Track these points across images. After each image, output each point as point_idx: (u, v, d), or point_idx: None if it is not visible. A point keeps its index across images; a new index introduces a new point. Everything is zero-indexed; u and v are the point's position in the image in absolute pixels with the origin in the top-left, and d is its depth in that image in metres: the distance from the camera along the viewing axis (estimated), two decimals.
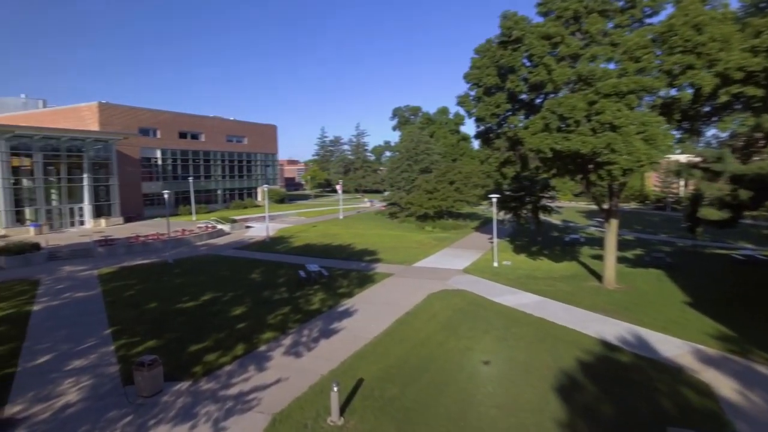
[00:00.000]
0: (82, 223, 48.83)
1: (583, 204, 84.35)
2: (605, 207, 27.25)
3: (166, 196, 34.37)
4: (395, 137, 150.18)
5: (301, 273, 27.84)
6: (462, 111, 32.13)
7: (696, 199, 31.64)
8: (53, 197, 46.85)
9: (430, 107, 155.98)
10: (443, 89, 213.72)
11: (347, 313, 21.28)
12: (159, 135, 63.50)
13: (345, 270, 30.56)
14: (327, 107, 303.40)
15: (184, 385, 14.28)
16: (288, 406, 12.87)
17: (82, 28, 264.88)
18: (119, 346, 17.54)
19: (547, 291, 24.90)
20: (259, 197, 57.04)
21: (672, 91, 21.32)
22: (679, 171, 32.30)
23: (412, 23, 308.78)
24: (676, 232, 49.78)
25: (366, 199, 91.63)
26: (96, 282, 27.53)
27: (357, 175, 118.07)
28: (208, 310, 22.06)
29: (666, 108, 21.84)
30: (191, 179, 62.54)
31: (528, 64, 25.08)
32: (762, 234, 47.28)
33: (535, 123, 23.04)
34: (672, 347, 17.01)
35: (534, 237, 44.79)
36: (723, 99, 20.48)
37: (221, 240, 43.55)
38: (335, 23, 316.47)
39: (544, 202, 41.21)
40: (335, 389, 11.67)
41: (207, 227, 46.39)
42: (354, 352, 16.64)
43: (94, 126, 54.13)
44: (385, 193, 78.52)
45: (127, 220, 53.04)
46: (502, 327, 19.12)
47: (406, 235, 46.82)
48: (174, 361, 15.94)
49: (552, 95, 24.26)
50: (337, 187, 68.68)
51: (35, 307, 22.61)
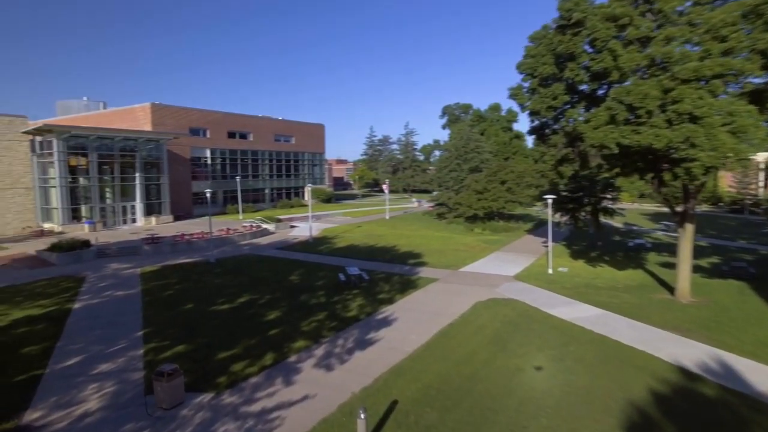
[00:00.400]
0: (134, 221, 50.46)
1: (647, 205, 78.76)
2: (679, 210, 24.33)
3: (208, 195, 34.45)
4: (445, 136, 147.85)
5: (341, 276, 26.80)
6: (515, 106, 30.08)
7: None
8: (107, 195, 48.64)
9: (481, 104, 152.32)
10: (495, 85, 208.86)
11: (386, 322, 19.91)
12: (209, 135, 64.91)
13: (387, 273, 29.24)
14: (377, 106, 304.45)
15: (206, 398, 13.41)
16: (312, 429, 11.66)
17: (139, 33, 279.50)
18: (148, 350, 17.06)
19: (610, 303, 22.42)
20: (306, 197, 57.30)
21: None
22: None
23: (463, 18, 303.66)
24: (757, 237, 44.87)
25: (414, 199, 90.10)
26: (138, 280, 27.72)
27: (405, 175, 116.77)
28: (242, 313, 21.40)
29: (757, 95, 18.91)
30: (238, 178, 63.43)
31: (590, 50, 22.70)
32: None
33: (598, 115, 20.70)
34: (767, 379, 14.41)
35: (593, 241, 41.64)
36: None
37: (265, 239, 43.45)
38: (384, 21, 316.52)
39: (605, 203, 38.13)
40: (362, 416, 10.31)
41: (251, 226, 46.55)
42: (390, 367, 15.23)
43: (147, 126, 55.92)
44: (433, 193, 76.81)
45: (177, 218, 54.40)
46: (558, 344, 17.08)
47: (453, 237, 44.93)
48: (200, 369, 15.21)
49: (616, 85, 21.86)
50: (384, 187, 67.59)
51: (76, 305, 22.82)
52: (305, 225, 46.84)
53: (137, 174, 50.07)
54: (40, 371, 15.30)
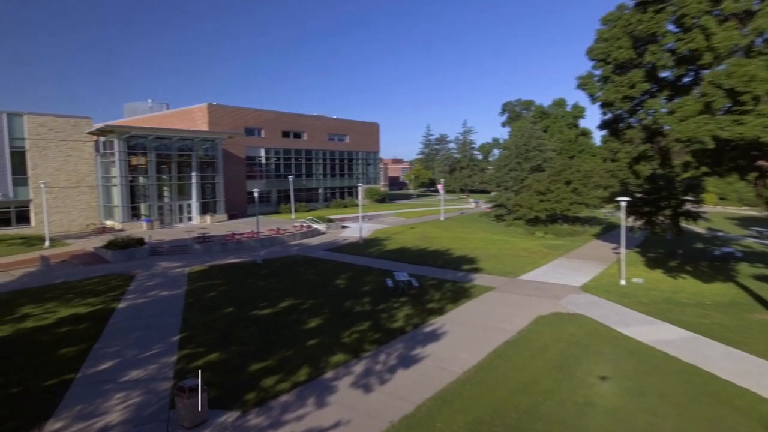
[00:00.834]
0: (190, 219, 51.63)
1: (732, 208, 71.55)
2: None
3: (256, 194, 34.11)
4: (504, 134, 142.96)
5: (389, 282, 25.30)
6: (582, 101, 27.32)
7: None
8: (165, 194, 50.04)
9: (544, 100, 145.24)
10: (560, 80, 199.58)
11: (434, 336, 18.17)
12: (263, 134, 65.67)
13: (438, 280, 27.43)
14: (434, 104, 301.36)
15: (231, 417, 12.32)
16: None
17: (198, 35, 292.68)
18: (181, 356, 16.36)
19: (698, 324, 19.38)
20: (361, 196, 56.86)
21: None
22: None
23: (523, 8, 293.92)
24: None
25: (471, 200, 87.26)
26: (184, 280, 27.64)
27: (462, 175, 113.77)
28: (282, 319, 20.43)
29: None
30: (291, 178, 63.65)
31: (676, 29, 19.85)
32: None
33: (686, 105, 17.89)
34: None
35: (672, 248, 37.54)
36: None
37: (314, 240, 42.85)
38: (439, 16, 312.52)
39: (687, 206, 34.10)
40: None
41: (302, 226, 46.17)
42: (436, 391, 13.51)
43: (204, 126, 57.22)
44: (491, 194, 73.82)
45: (231, 217, 55.20)
46: (636, 374, 14.61)
47: (512, 241, 42.25)
48: (230, 382, 14.22)
49: (705, 71, 18.87)
50: (439, 187, 65.53)
51: (120, 305, 22.82)
52: (357, 225, 45.88)
53: (193, 173, 51.19)
54: (71, 375, 14.93)
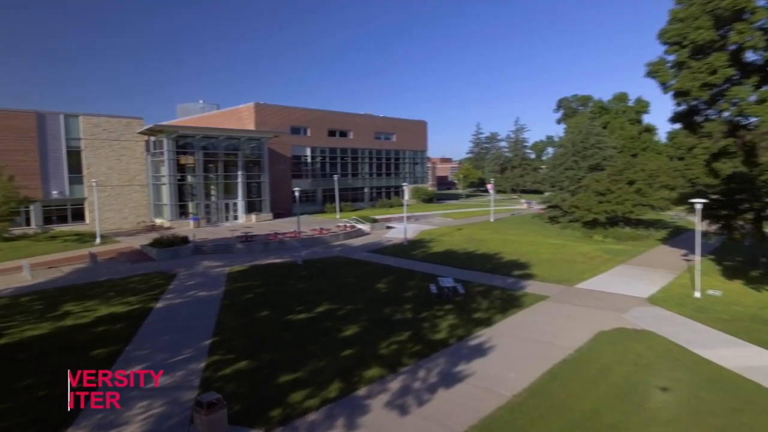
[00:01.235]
0: (235, 218, 52.20)
1: None
2: None
3: (297, 193, 33.52)
4: (559, 131, 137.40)
5: (432, 287, 23.84)
6: (648, 94, 24.64)
7: None
8: (212, 193, 50.79)
9: (603, 95, 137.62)
10: (621, 73, 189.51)
11: (480, 350, 16.57)
12: (309, 133, 65.67)
13: (486, 286, 25.67)
14: (484, 102, 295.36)
15: None
16: None
17: (245, 35, 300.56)
18: (210, 363, 15.67)
19: None
20: (407, 196, 56.00)
21: None
22: None
23: (577, 1, 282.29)
24: None
25: (522, 200, 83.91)
26: (223, 280, 27.35)
27: (514, 174, 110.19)
28: (318, 325, 19.46)
29: None
30: (336, 177, 63.25)
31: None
32: None
33: None
34: None
35: (754, 256, 33.73)
36: None
37: (358, 241, 41.95)
38: (489, 12, 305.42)
39: None
40: None
41: (345, 227, 45.45)
42: (481, 418, 11.99)
43: (250, 125, 57.80)
44: (545, 194, 70.50)
45: (276, 216, 55.39)
46: (723, 410, 12.43)
47: (568, 245, 39.57)
48: (255, 395, 13.32)
49: None
50: (489, 187, 63.15)
51: (158, 305, 22.68)
52: (402, 226, 44.62)
53: (239, 172, 51.70)
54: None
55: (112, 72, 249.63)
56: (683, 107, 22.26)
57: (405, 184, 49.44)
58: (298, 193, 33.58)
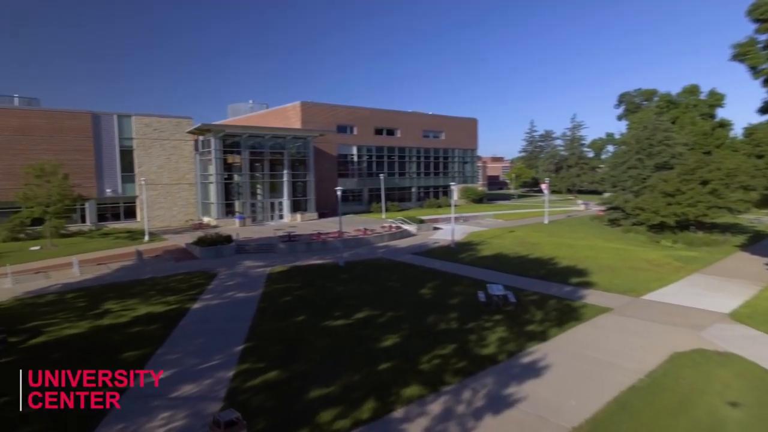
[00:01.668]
0: (281, 217, 52.26)
1: None
2: None
3: (339, 193, 32.61)
4: (620, 128, 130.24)
5: (480, 295, 22.14)
6: (723, 86, 21.77)
7: None
8: (258, 192, 51.06)
9: (670, 88, 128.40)
10: (691, 64, 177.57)
11: (534, 370, 14.81)
12: (355, 132, 65.05)
13: (540, 295, 23.66)
14: (538, 98, 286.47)
15: None
16: None
17: (296, 35, 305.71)
18: (239, 372, 14.83)
19: None
20: (455, 196, 54.22)
21: None
22: None
23: None
24: None
25: (579, 201, 79.66)
26: (263, 282, 26.81)
27: (570, 174, 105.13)
28: (356, 333, 18.31)
29: None
30: (382, 176, 62.24)
31: None
32: None
33: None
34: None
35: None
36: None
37: (403, 242, 40.63)
38: (544, 1, 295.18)
39: None
40: None
41: (391, 227, 44.27)
42: None
43: (297, 124, 57.79)
44: (604, 195, 66.48)
45: (321, 215, 55.04)
46: None
47: (631, 251, 36.51)
48: (282, 411, 12.30)
49: None
50: (543, 187, 60.12)
51: (195, 305, 22.32)
52: (449, 228, 42.92)
53: (285, 171, 51.70)
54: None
55: (166, 74, 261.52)
56: None
57: (453, 183, 47.61)
58: (340, 193, 32.60)
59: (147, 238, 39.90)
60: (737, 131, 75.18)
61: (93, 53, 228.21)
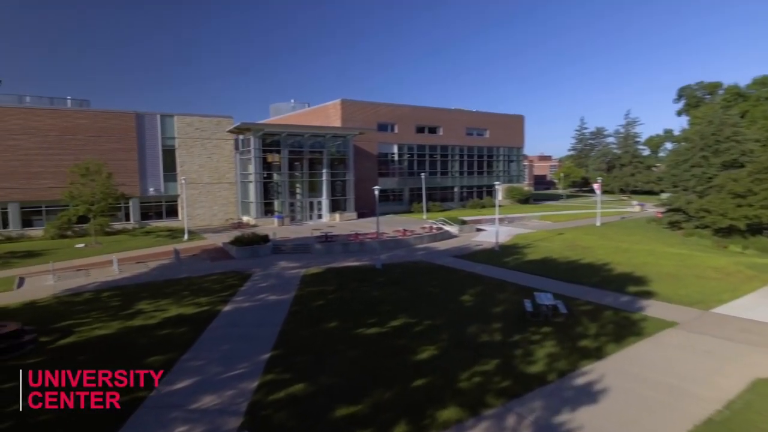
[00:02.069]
0: (320, 217, 51.80)
1: None
2: None
3: (376, 192, 31.48)
4: (680, 124, 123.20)
5: (527, 304, 20.44)
6: None
7: None
8: (297, 191, 50.80)
9: (737, 79, 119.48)
10: (759, 54, 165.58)
11: (589, 394, 13.12)
12: (396, 130, 63.86)
13: (594, 305, 21.68)
14: (589, 94, 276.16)
15: None
16: None
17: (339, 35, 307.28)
18: (263, 383, 13.93)
19: None
20: (500, 196, 52.22)
21: None
22: None
23: None
24: None
25: (634, 202, 75.34)
26: (296, 284, 26.06)
27: (623, 173, 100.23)
28: (390, 343, 17.10)
29: None
30: (423, 175, 60.79)
31: None
32: None
33: None
34: None
35: None
36: None
37: (444, 244, 39.11)
38: None
39: None
40: None
41: (431, 228, 42.83)
42: None
43: (337, 123, 57.21)
44: (662, 195, 62.47)
45: (361, 215, 54.21)
46: None
47: (696, 257, 33.54)
48: None
49: None
50: (595, 187, 57.00)
51: (226, 307, 21.80)
52: (493, 229, 41.09)
53: (324, 170, 51.20)
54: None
55: (209, 74, 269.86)
56: None
57: (498, 183, 45.52)
58: (378, 192, 31.47)
59: (186, 236, 40.23)
60: None
61: (141, 57, 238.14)
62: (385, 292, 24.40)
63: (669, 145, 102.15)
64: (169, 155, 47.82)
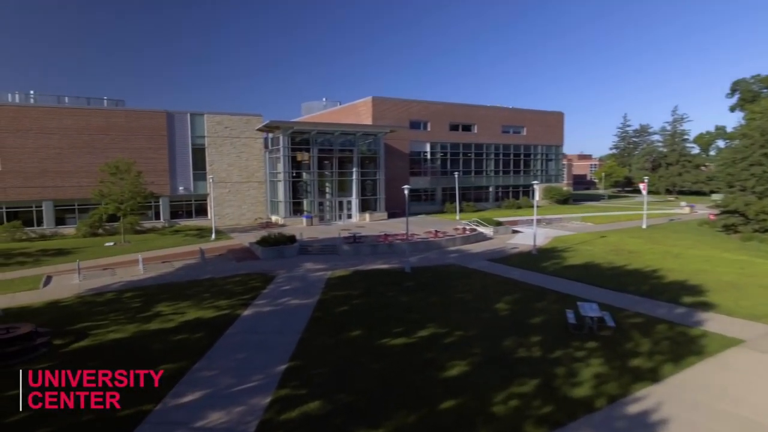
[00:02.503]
0: (349, 217, 50.81)
1: None
2: None
3: (406, 191, 30.08)
4: (733, 120, 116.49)
5: (569, 315, 18.66)
6: None
7: None
8: (326, 190, 49.97)
9: None
10: None
11: (646, 426, 11.39)
12: (429, 128, 62.28)
13: (645, 317, 19.66)
14: (631, 90, 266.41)
15: None
16: None
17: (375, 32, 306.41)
18: (276, 399, 12.82)
19: None
20: (537, 196, 49.88)
21: None
22: None
23: None
24: None
25: (683, 203, 71.17)
26: (321, 287, 25.00)
27: (669, 172, 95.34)
28: (416, 357, 15.71)
29: None
30: (456, 175, 58.97)
31: None
32: None
33: None
34: None
35: None
36: None
37: (477, 247, 37.37)
38: None
39: None
40: None
41: (464, 230, 41.14)
42: None
43: (368, 121, 56.12)
44: (713, 196, 58.69)
45: (391, 215, 52.92)
46: None
47: (757, 264, 30.66)
48: None
49: None
50: (641, 187, 53.85)
51: (246, 312, 20.91)
52: (530, 231, 39.05)
53: (354, 169, 50.18)
54: (150, 406, 12.48)
55: (241, 73, 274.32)
56: None
57: (536, 182, 43.30)
58: (407, 192, 30.08)
59: (213, 236, 39.94)
60: None
61: (175, 56, 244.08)
62: (414, 297, 23.02)
63: (721, 143, 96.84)
64: (199, 154, 47.85)
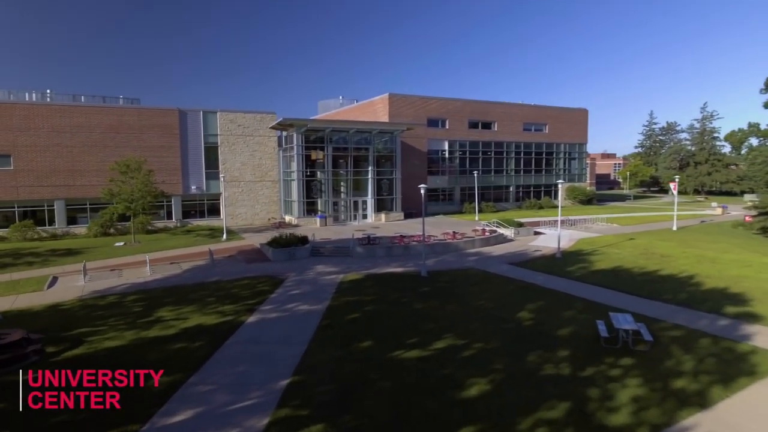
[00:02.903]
0: (365, 217, 49.56)
1: None
2: None
3: (423, 191, 28.58)
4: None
5: (601, 327, 17.02)
6: None
7: None
8: (341, 190, 48.77)
9: None
10: None
11: None
12: (447, 125, 60.67)
13: (685, 330, 17.90)
14: (657, 87, 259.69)
15: None
16: None
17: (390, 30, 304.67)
18: (274, 421, 11.58)
19: None
20: (560, 196, 47.81)
21: None
22: None
23: None
24: None
25: (714, 204, 68.17)
26: (331, 292, 23.72)
27: (698, 172, 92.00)
28: (431, 373, 14.29)
29: None
30: (476, 174, 57.23)
31: None
32: None
33: None
34: None
35: None
36: None
37: (498, 249, 35.71)
38: None
39: None
40: None
41: (484, 231, 39.47)
42: None
43: (384, 118, 54.82)
44: (747, 197, 55.87)
45: (408, 216, 51.52)
46: None
47: None
48: None
49: None
50: (672, 186, 51.43)
51: (250, 318, 19.78)
52: (554, 233, 37.23)
53: (369, 168, 48.88)
54: (136, 426, 11.36)
55: (261, 72, 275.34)
56: None
57: (559, 182, 41.33)
58: (424, 191, 28.59)
59: (225, 236, 39.05)
60: None
61: (190, 55, 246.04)
62: (430, 305, 21.58)
63: (754, 141, 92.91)
64: (212, 152, 47.10)
